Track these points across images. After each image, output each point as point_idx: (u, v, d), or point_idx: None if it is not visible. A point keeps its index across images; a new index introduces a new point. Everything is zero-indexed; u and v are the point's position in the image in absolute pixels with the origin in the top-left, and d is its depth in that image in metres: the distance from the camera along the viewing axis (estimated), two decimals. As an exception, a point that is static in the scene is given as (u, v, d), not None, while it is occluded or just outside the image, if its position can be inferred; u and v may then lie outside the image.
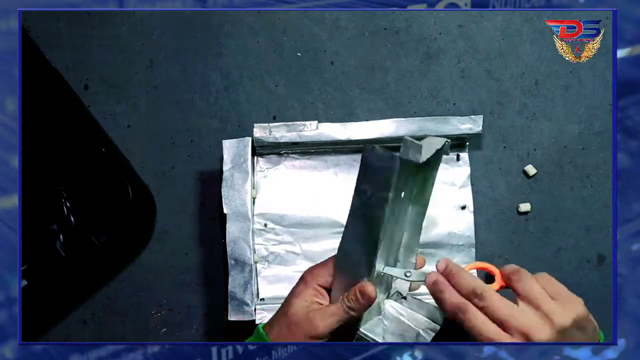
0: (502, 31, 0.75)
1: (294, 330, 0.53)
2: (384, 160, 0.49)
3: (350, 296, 0.53)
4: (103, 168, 0.69)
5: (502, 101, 0.74)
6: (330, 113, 0.74)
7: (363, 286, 0.53)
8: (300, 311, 0.54)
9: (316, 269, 0.56)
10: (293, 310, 0.54)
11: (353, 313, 0.53)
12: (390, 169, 0.48)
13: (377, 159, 0.49)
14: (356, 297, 0.53)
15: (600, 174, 0.73)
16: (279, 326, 0.55)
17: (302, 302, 0.54)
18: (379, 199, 0.50)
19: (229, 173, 0.68)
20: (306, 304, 0.54)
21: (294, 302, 0.55)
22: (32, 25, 0.75)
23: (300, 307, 0.54)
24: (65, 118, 0.69)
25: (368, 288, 0.52)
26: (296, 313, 0.54)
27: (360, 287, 0.53)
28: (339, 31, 0.75)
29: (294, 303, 0.54)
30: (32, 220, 0.64)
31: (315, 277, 0.55)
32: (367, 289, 0.52)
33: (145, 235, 0.72)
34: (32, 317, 0.69)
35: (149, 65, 0.75)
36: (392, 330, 0.57)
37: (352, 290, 0.53)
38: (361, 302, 0.53)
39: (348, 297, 0.53)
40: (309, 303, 0.54)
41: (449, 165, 0.72)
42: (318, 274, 0.55)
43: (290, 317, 0.54)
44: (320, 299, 0.55)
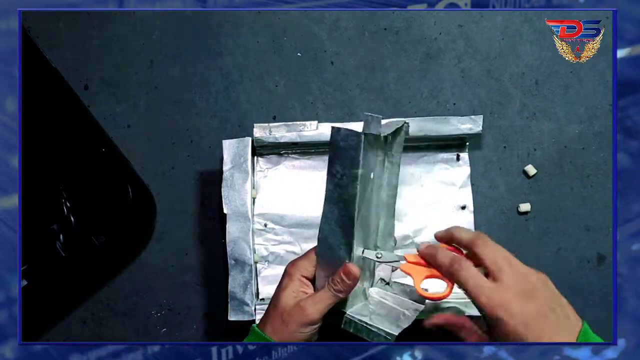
0: (502, 31, 0.75)
1: (287, 321, 0.55)
2: (349, 138, 0.52)
3: (336, 279, 0.55)
4: (103, 168, 0.69)
5: (502, 101, 0.74)
6: (330, 113, 0.74)
7: (346, 266, 0.55)
8: (289, 302, 0.56)
9: (298, 262, 0.58)
10: (283, 302, 0.56)
11: (340, 295, 0.55)
12: (356, 146, 0.52)
13: (343, 139, 0.52)
14: (342, 279, 0.55)
15: (600, 174, 0.73)
16: (271, 320, 0.56)
17: (290, 293, 0.56)
18: (349, 177, 0.53)
19: (229, 173, 0.68)
20: (294, 294, 0.56)
21: (282, 295, 0.56)
22: (32, 25, 0.75)
23: (288, 298, 0.56)
24: (65, 118, 0.69)
25: (352, 268, 0.55)
26: (286, 304, 0.55)
27: (344, 269, 0.55)
28: (339, 31, 0.75)
29: (282, 296, 0.56)
30: (32, 220, 0.64)
31: (299, 269, 0.57)
32: (351, 268, 0.55)
33: (145, 235, 0.72)
34: (32, 317, 0.69)
35: (149, 65, 0.75)
36: (378, 312, 0.59)
37: (336, 274, 0.55)
38: (347, 282, 0.55)
39: (334, 280, 0.55)
40: (296, 293, 0.56)
41: (449, 165, 0.72)
42: (301, 265, 0.57)
43: (281, 309, 0.55)
44: (306, 289, 0.57)
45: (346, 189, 0.53)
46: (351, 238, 0.55)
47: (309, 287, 0.57)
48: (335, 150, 0.53)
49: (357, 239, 0.55)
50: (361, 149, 0.52)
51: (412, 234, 0.71)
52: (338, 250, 0.55)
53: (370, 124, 0.53)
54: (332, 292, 0.55)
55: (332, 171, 0.54)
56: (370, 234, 0.61)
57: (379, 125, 0.53)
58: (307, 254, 0.58)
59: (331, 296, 0.55)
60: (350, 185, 0.53)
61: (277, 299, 0.56)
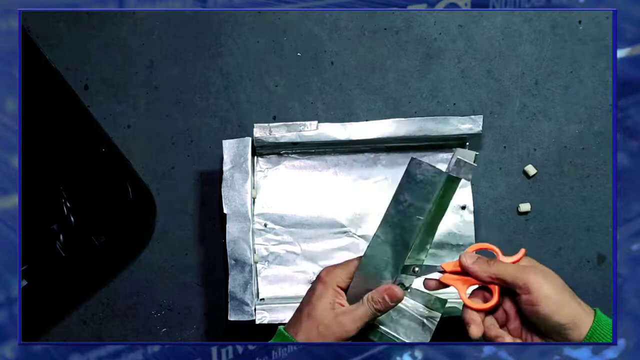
0: (502, 31, 0.75)
1: (324, 334, 0.55)
2: (428, 174, 0.52)
3: (378, 299, 0.55)
4: (103, 168, 0.68)
5: (502, 101, 0.74)
6: (330, 113, 0.74)
7: (392, 289, 0.55)
8: (327, 314, 0.55)
9: (335, 270, 0.57)
10: (319, 313, 0.55)
11: (379, 314, 0.56)
12: (434, 184, 0.52)
13: (421, 173, 0.53)
14: (384, 299, 0.55)
15: (600, 174, 0.73)
16: (305, 329, 0.55)
17: (326, 303, 0.56)
18: (417, 208, 0.53)
19: (229, 173, 0.68)
20: (330, 305, 0.56)
21: (317, 304, 0.56)
22: (32, 25, 0.75)
23: (324, 309, 0.55)
24: (65, 118, 0.69)
25: (397, 292, 0.55)
26: (323, 316, 0.55)
27: (389, 291, 0.55)
28: (339, 31, 0.75)
29: (317, 305, 0.56)
30: (32, 220, 0.64)
31: (334, 278, 0.57)
32: (397, 292, 0.55)
33: (145, 235, 0.72)
34: (32, 317, 0.69)
35: (149, 65, 0.75)
36: (400, 320, 0.59)
37: (377, 293, 0.55)
38: (389, 304, 0.55)
39: (374, 299, 0.55)
40: (332, 305, 0.56)
41: (449, 165, 0.72)
42: (336, 274, 0.57)
43: (318, 321, 0.55)
44: (341, 300, 0.57)
45: (410, 219, 0.54)
46: (401, 263, 0.55)
47: (343, 297, 0.57)
48: (409, 179, 0.53)
49: None
50: (438, 188, 0.52)
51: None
52: (383, 270, 0.56)
53: (460, 169, 0.53)
54: (372, 310, 0.55)
55: (399, 198, 0.54)
56: None
57: (470, 173, 0.53)
58: (345, 263, 0.58)
59: (371, 315, 0.55)
60: (415, 216, 0.53)
61: (313, 308, 0.56)
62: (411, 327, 0.59)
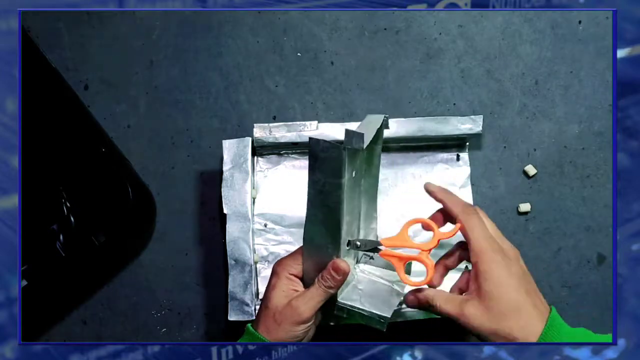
0: (502, 31, 0.75)
1: (280, 320, 0.55)
2: (329, 150, 0.50)
3: (326, 276, 0.55)
4: (103, 168, 0.68)
5: (502, 101, 0.74)
6: (330, 113, 0.74)
7: (336, 263, 0.55)
8: (280, 301, 0.56)
9: (285, 260, 0.58)
10: (273, 302, 0.56)
11: (331, 291, 0.56)
12: (337, 159, 0.50)
13: (323, 150, 0.51)
14: (331, 275, 0.55)
15: (600, 174, 0.73)
16: (264, 320, 0.56)
17: (280, 292, 0.56)
18: (332, 185, 0.52)
19: (229, 173, 0.68)
20: (284, 293, 0.56)
21: (272, 295, 0.56)
22: (32, 25, 0.75)
23: (279, 297, 0.56)
24: (65, 118, 0.69)
25: (341, 264, 0.55)
26: (278, 304, 0.56)
27: (333, 265, 0.55)
28: (339, 31, 0.75)
29: (272, 296, 0.56)
30: (32, 220, 0.64)
31: (285, 267, 0.57)
32: (341, 264, 0.55)
33: (145, 235, 0.72)
34: (32, 317, 0.69)
35: (149, 65, 0.75)
36: (368, 291, 0.59)
37: (326, 270, 0.56)
38: (337, 278, 0.55)
39: (324, 277, 0.56)
40: (286, 292, 0.56)
41: (449, 165, 0.72)
42: (288, 264, 0.57)
43: (273, 309, 0.55)
44: (296, 287, 0.57)
45: (329, 196, 0.52)
46: (338, 238, 0.55)
47: (298, 284, 0.57)
48: (314, 159, 0.52)
49: (343, 231, 0.55)
50: (343, 163, 0.50)
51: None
52: (325, 249, 0.55)
53: (351, 139, 0.51)
54: (323, 288, 0.55)
55: (313, 178, 0.53)
56: (353, 222, 0.60)
57: (361, 141, 0.51)
58: (294, 253, 0.58)
59: (322, 292, 0.55)
60: (333, 193, 0.52)
61: (268, 299, 0.56)
62: (379, 296, 0.59)
